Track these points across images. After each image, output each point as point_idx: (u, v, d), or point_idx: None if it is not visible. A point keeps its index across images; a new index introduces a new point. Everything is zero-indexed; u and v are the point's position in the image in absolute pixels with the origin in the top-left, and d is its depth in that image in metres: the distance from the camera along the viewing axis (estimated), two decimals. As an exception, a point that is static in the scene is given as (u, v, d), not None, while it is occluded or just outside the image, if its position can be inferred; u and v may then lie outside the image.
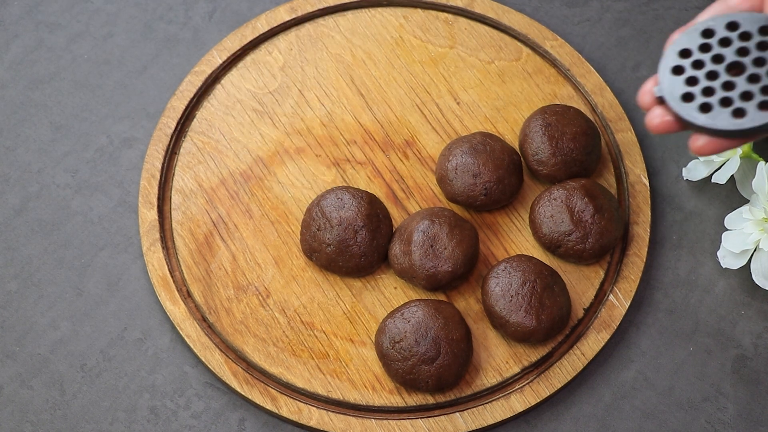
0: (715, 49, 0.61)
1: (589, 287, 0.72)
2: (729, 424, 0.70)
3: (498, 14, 0.81)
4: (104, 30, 0.82)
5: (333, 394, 0.69)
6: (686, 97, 0.60)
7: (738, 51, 0.61)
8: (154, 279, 0.72)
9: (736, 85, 0.60)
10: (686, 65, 0.61)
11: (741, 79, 0.60)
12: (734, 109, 0.59)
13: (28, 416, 0.69)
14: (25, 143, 0.78)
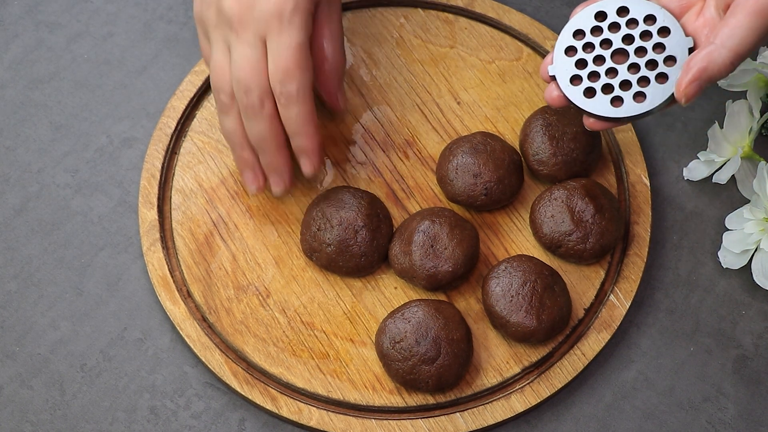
0: (605, 33, 0.65)
1: (590, 287, 0.72)
2: (729, 424, 0.70)
3: (498, 14, 0.81)
4: (104, 30, 0.82)
5: (333, 394, 0.68)
6: (574, 79, 0.65)
7: (624, 38, 0.65)
8: (154, 279, 0.72)
9: (618, 73, 0.65)
10: (578, 46, 0.66)
11: (623, 66, 0.65)
12: (613, 97, 0.64)
13: (28, 416, 0.69)
14: (25, 143, 0.78)
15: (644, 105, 0.63)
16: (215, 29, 0.67)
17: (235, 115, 0.67)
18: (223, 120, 0.68)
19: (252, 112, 0.66)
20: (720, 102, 0.80)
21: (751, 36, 0.60)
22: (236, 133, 0.68)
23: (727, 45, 0.60)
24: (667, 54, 0.64)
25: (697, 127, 0.80)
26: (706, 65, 0.60)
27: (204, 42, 0.69)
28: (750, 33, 0.59)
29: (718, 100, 0.80)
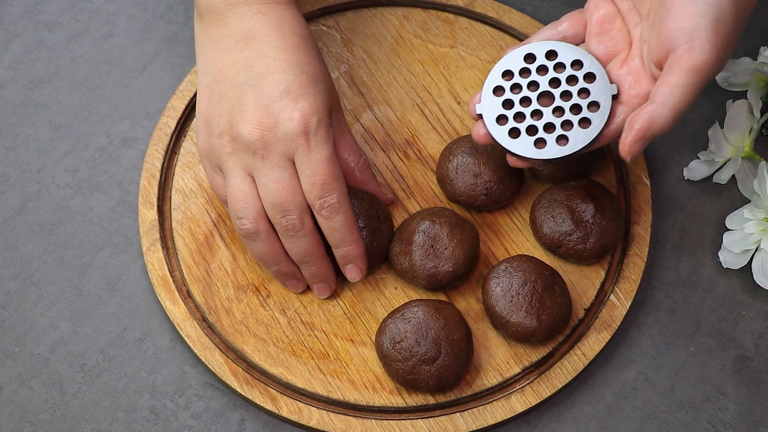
0: (533, 76, 0.68)
1: (590, 287, 0.72)
2: (730, 424, 0.70)
3: (499, 14, 0.81)
4: (104, 29, 0.82)
5: (333, 394, 0.68)
6: (501, 119, 0.67)
7: (551, 81, 0.68)
8: (154, 279, 0.72)
9: (543, 115, 0.67)
10: (506, 87, 0.68)
11: (548, 109, 0.67)
12: (537, 139, 0.67)
13: (28, 416, 0.69)
14: (25, 143, 0.78)
15: (566, 148, 0.66)
16: (231, 157, 0.66)
17: (264, 238, 0.67)
18: (253, 245, 0.68)
19: (293, 232, 0.66)
20: (720, 102, 0.80)
21: (690, 93, 0.61)
22: (271, 254, 0.68)
23: (668, 104, 0.61)
24: (591, 99, 0.66)
25: (697, 127, 0.80)
26: (649, 125, 0.61)
27: (214, 174, 0.68)
28: (688, 90, 0.60)
29: (719, 99, 0.80)
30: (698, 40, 0.60)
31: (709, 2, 0.60)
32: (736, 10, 0.60)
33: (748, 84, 0.77)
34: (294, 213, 0.65)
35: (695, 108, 0.80)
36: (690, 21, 0.60)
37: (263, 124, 0.64)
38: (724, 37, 0.60)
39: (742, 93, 0.79)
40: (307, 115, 0.64)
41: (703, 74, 0.60)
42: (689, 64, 0.60)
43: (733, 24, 0.60)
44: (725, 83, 0.79)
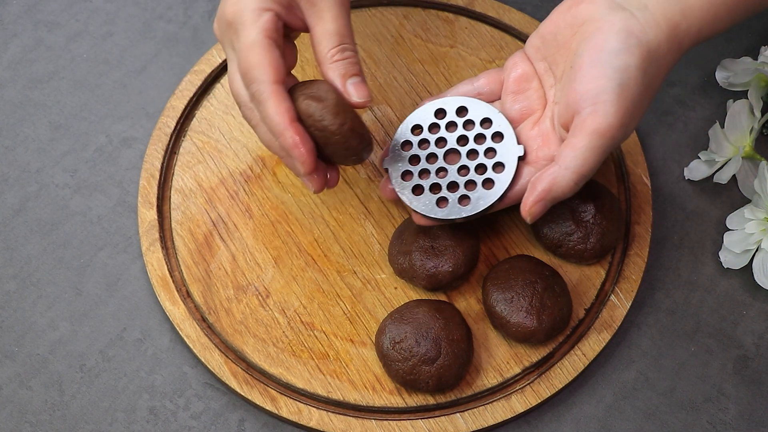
0: (441, 132, 0.67)
1: (590, 287, 0.72)
2: (730, 424, 0.70)
3: (499, 13, 0.81)
4: (103, 29, 0.82)
5: (333, 394, 0.68)
6: (406, 174, 0.67)
7: (459, 138, 0.67)
8: (154, 279, 0.72)
9: (448, 173, 0.66)
10: (414, 142, 0.67)
11: (454, 167, 0.67)
12: (439, 197, 0.66)
13: (27, 417, 0.69)
14: (24, 143, 0.78)
15: (467, 209, 0.65)
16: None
17: (256, 123, 0.65)
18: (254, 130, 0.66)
19: (249, 120, 0.65)
20: (721, 101, 0.80)
21: (592, 156, 0.61)
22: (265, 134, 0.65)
23: (570, 167, 0.61)
24: (497, 160, 0.66)
25: (697, 126, 0.79)
26: (551, 187, 0.61)
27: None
28: (591, 154, 0.60)
29: (719, 99, 0.80)
30: (602, 103, 0.59)
31: (615, 67, 0.59)
32: (644, 78, 0.60)
33: (748, 84, 0.77)
34: (243, 105, 0.64)
35: (696, 108, 0.80)
36: (595, 84, 0.60)
37: (218, 16, 0.64)
38: (630, 102, 0.60)
39: (743, 93, 0.79)
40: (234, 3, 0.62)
41: (606, 138, 0.60)
42: (592, 127, 0.60)
43: (640, 91, 0.60)
44: (726, 83, 0.79)
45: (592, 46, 0.60)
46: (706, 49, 0.82)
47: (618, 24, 0.60)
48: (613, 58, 0.59)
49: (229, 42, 0.63)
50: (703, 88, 0.81)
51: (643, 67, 0.60)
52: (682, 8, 0.60)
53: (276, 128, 0.62)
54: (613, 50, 0.60)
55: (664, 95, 0.81)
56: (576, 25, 0.62)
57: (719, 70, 0.80)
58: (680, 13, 0.60)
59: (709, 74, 0.81)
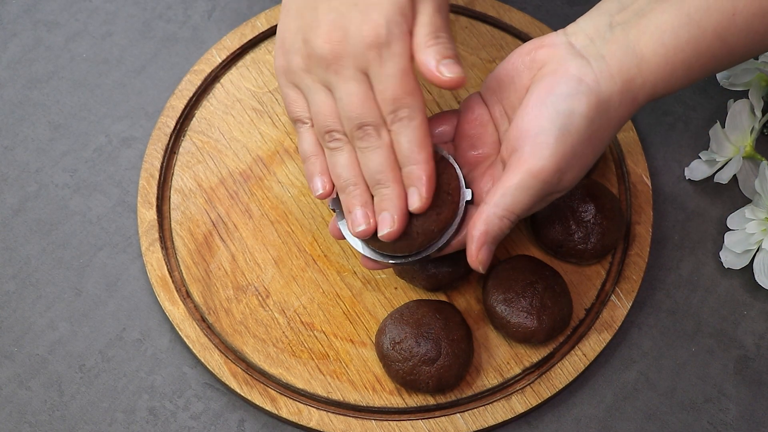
0: None
1: (591, 287, 0.72)
2: (731, 425, 0.69)
3: (499, 13, 0.81)
4: (103, 29, 0.82)
5: (333, 394, 0.68)
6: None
7: None
8: (153, 279, 0.71)
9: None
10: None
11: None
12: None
13: (27, 417, 0.69)
14: (24, 143, 0.78)
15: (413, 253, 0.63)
16: (307, 74, 0.63)
17: (350, 150, 0.62)
18: (338, 157, 0.62)
19: (368, 143, 0.61)
20: (722, 101, 0.80)
21: (524, 196, 0.59)
22: (352, 168, 0.62)
23: (500, 204, 0.59)
24: None
25: (698, 126, 0.79)
26: (486, 228, 0.60)
27: (288, 90, 0.65)
28: (522, 193, 0.59)
29: (720, 99, 0.80)
30: (539, 145, 0.58)
31: (559, 110, 0.58)
32: (590, 127, 0.59)
33: (749, 83, 0.77)
34: (370, 125, 0.61)
35: (696, 107, 0.80)
36: (536, 124, 0.58)
37: (333, 37, 0.61)
38: (569, 148, 0.58)
39: (744, 92, 0.79)
40: (377, 26, 0.60)
41: (538, 180, 0.58)
42: (526, 166, 0.58)
43: (583, 140, 0.59)
44: (726, 83, 0.79)
45: (542, 86, 0.59)
46: (707, 49, 0.81)
47: (572, 70, 0.59)
48: (559, 101, 0.58)
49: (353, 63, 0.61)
50: (704, 88, 0.81)
51: (589, 116, 0.58)
52: (638, 63, 0.59)
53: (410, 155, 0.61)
54: (560, 94, 0.58)
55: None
56: (534, 68, 0.61)
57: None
58: (636, 68, 0.59)
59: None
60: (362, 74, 0.61)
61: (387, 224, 0.61)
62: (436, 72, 0.60)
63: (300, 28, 0.63)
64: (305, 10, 0.63)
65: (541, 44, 0.61)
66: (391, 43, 0.60)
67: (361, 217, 0.62)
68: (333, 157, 0.63)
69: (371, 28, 0.60)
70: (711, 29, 0.59)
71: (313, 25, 0.62)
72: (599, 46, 0.59)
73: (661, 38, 0.59)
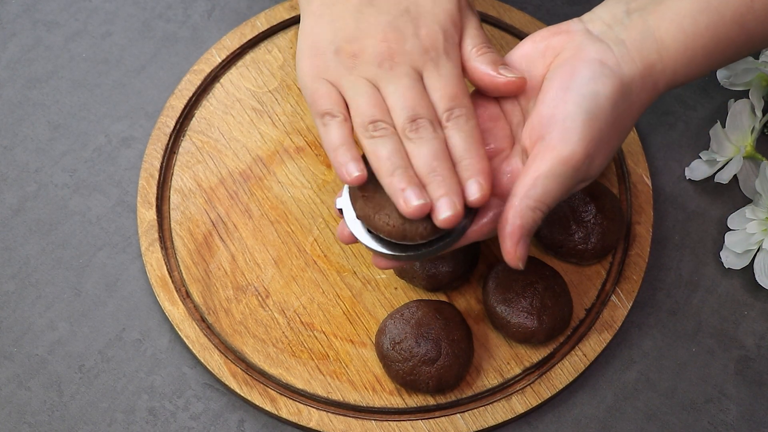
0: None
1: (591, 288, 0.72)
2: (732, 425, 0.69)
3: (499, 12, 0.81)
4: (102, 29, 0.82)
5: (333, 395, 0.68)
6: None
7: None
8: (153, 279, 0.71)
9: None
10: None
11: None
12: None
13: (26, 417, 0.69)
14: (23, 143, 0.77)
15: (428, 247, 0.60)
16: (352, 72, 0.61)
17: (396, 140, 0.60)
18: (382, 147, 0.59)
19: (424, 133, 0.59)
20: (722, 101, 0.80)
21: (555, 185, 0.57)
22: (400, 155, 0.59)
23: (532, 196, 0.57)
24: None
25: (698, 126, 0.79)
26: (521, 222, 0.58)
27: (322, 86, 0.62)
28: (552, 182, 0.57)
29: (721, 99, 0.80)
30: (567, 130, 0.57)
31: (584, 94, 0.57)
32: (614, 111, 0.58)
33: (750, 83, 0.77)
34: (425, 117, 0.60)
35: (697, 107, 0.80)
36: (562, 109, 0.58)
37: (389, 37, 0.61)
38: (597, 132, 0.58)
39: (744, 92, 0.79)
40: (434, 32, 0.61)
41: (569, 167, 0.57)
42: (555, 153, 0.57)
43: (609, 124, 0.58)
44: (727, 82, 0.79)
45: (563, 72, 0.59)
46: (707, 49, 0.81)
47: (593, 54, 0.59)
48: (583, 85, 0.58)
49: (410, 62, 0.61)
50: (704, 88, 0.81)
51: (613, 100, 0.58)
52: (658, 48, 0.59)
53: (468, 149, 0.59)
54: (584, 77, 0.58)
55: (665, 95, 0.80)
56: (549, 56, 0.61)
57: (720, 69, 0.80)
58: (656, 53, 0.59)
59: (711, 74, 0.81)
60: (417, 73, 0.61)
61: (447, 206, 0.57)
62: (496, 75, 0.60)
63: (339, 30, 0.62)
64: (345, 15, 0.62)
65: (558, 31, 0.61)
66: (448, 50, 0.61)
67: (418, 193, 0.58)
68: (375, 145, 0.59)
69: (429, 33, 0.61)
70: (729, 15, 0.59)
71: (359, 27, 0.62)
72: (618, 31, 0.59)
73: (680, 24, 0.59)
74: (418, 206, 0.57)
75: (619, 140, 0.60)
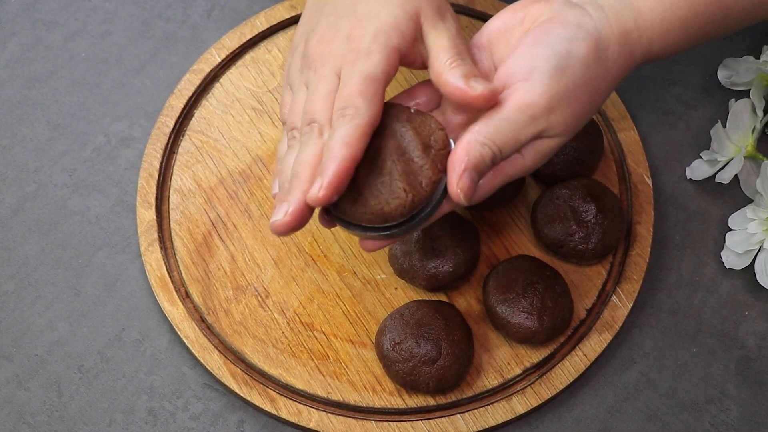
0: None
1: (592, 288, 0.72)
2: (733, 426, 0.69)
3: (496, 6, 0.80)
4: (102, 28, 0.82)
5: (333, 395, 0.68)
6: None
7: None
8: (153, 279, 0.71)
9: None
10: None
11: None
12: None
13: (25, 418, 0.68)
14: (22, 142, 0.77)
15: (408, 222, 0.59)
16: (299, 75, 0.62)
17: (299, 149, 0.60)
18: (289, 154, 0.60)
19: (307, 138, 0.59)
20: (723, 101, 0.80)
21: (509, 128, 0.57)
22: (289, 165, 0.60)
23: (482, 132, 0.57)
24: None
25: (699, 126, 0.79)
26: (467, 154, 0.56)
27: (286, 94, 0.64)
28: (507, 125, 0.57)
29: (721, 98, 0.80)
30: (531, 81, 0.57)
31: (556, 50, 0.57)
32: (587, 72, 0.58)
33: (750, 83, 0.77)
34: (316, 122, 0.59)
35: (697, 107, 0.80)
36: (530, 62, 0.57)
37: (324, 38, 0.61)
38: (563, 89, 0.57)
39: (745, 92, 0.78)
40: (364, 33, 0.60)
41: (525, 115, 0.57)
42: (513, 100, 0.57)
43: (579, 84, 0.58)
44: (728, 82, 0.79)
45: (537, 30, 0.59)
46: (708, 48, 0.81)
47: (570, 17, 0.59)
48: (555, 42, 0.58)
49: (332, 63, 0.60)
50: (705, 88, 0.81)
51: (587, 61, 0.58)
52: (635, 17, 0.59)
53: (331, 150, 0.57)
54: (558, 35, 0.58)
55: (665, 94, 0.80)
56: (527, 23, 0.60)
57: (721, 69, 0.79)
58: (632, 21, 0.59)
59: (711, 73, 0.81)
60: (336, 76, 0.60)
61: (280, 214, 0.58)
62: (466, 87, 0.58)
63: (305, 32, 0.63)
64: (313, 14, 0.63)
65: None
66: (372, 50, 0.59)
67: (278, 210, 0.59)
68: (288, 153, 0.60)
69: (359, 34, 0.60)
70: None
71: (315, 28, 0.62)
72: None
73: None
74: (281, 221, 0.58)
75: (591, 104, 0.60)
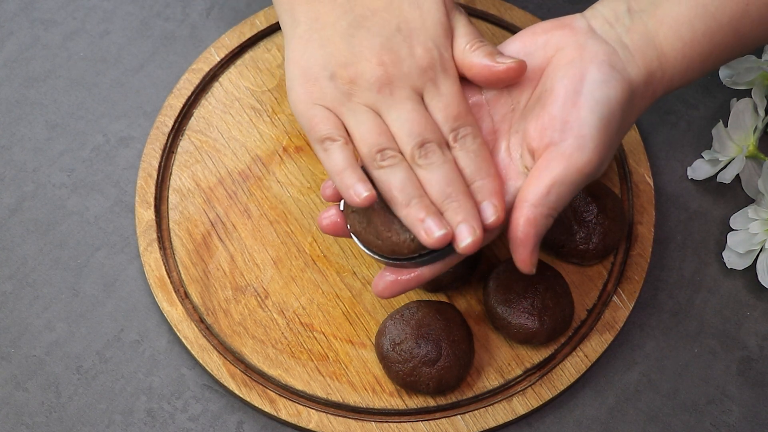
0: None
1: (593, 288, 0.71)
2: (734, 426, 0.69)
3: (500, 11, 0.80)
4: (100, 27, 0.82)
5: (333, 396, 0.68)
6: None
7: None
8: (151, 280, 0.71)
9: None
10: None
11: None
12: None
13: (23, 419, 0.68)
14: (21, 142, 0.77)
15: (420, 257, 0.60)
16: (350, 98, 0.60)
17: (406, 167, 0.59)
18: (393, 177, 0.58)
19: (434, 159, 0.58)
20: (724, 100, 0.79)
21: (569, 191, 0.57)
22: (413, 184, 0.59)
23: (546, 204, 0.57)
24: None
25: (701, 125, 0.79)
26: (536, 231, 0.57)
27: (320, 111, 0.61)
28: (567, 188, 0.57)
29: (723, 98, 0.80)
30: (583, 137, 0.56)
31: (597, 99, 0.57)
32: (622, 116, 0.58)
33: (752, 82, 0.77)
34: (433, 141, 0.59)
35: (699, 107, 0.80)
36: (576, 115, 0.57)
37: (385, 60, 0.60)
38: (608, 138, 0.57)
39: (747, 91, 0.78)
40: (429, 49, 0.60)
41: (583, 174, 0.57)
42: (571, 161, 0.56)
43: (618, 128, 0.58)
44: (729, 81, 0.78)
45: (572, 72, 0.58)
46: (709, 48, 0.81)
47: (601, 56, 0.58)
48: (595, 89, 0.57)
49: (410, 85, 0.60)
50: (706, 87, 0.81)
51: (623, 105, 0.58)
52: (658, 56, 0.59)
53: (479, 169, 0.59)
54: (595, 80, 0.57)
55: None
56: (550, 49, 0.59)
57: (722, 68, 0.79)
58: (656, 60, 0.59)
59: (713, 73, 0.81)
60: (417, 95, 0.60)
61: (468, 233, 0.57)
62: (493, 63, 0.59)
63: (331, 55, 0.61)
64: (335, 38, 0.61)
65: (560, 25, 0.60)
66: (446, 65, 0.60)
67: (438, 223, 0.57)
68: (386, 175, 0.59)
69: (424, 51, 0.60)
70: (726, 21, 0.58)
71: (352, 51, 0.61)
72: (620, 32, 0.59)
73: (678, 32, 0.58)
74: (440, 237, 0.57)
75: (618, 142, 0.60)
